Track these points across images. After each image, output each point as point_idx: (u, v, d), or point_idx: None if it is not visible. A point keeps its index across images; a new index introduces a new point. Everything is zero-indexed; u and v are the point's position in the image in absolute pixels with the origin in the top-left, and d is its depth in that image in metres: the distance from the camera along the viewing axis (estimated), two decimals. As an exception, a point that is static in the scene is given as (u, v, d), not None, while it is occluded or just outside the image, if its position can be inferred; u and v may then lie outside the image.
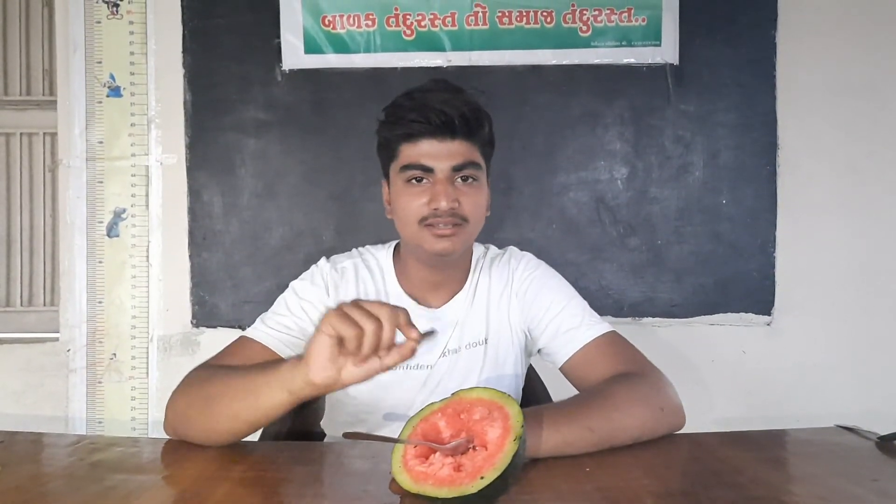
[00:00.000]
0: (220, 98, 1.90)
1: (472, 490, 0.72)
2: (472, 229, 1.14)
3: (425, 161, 1.10)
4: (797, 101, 1.92)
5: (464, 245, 1.14)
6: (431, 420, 0.82)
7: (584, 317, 1.17)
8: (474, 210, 1.12)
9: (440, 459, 0.77)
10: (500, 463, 0.72)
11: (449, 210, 1.09)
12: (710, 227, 1.90)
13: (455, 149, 1.10)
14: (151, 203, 1.90)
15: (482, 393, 0.81)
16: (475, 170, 1.12)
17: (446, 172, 1.10)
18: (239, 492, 0.81)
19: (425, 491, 0.74)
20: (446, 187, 1.09)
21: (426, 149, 1.10)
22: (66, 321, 1.89)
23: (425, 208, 1.10)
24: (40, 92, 2.05)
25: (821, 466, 0.88)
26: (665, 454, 0.96)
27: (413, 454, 0.78)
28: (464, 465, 0.75)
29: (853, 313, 1.93)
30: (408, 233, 1.14)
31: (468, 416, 0.80)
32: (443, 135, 1.09)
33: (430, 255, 1.14)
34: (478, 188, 1.14)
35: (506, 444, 0.74)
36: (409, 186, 1.12)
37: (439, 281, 1.22)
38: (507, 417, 0.77)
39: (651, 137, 1.90)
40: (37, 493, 0.81)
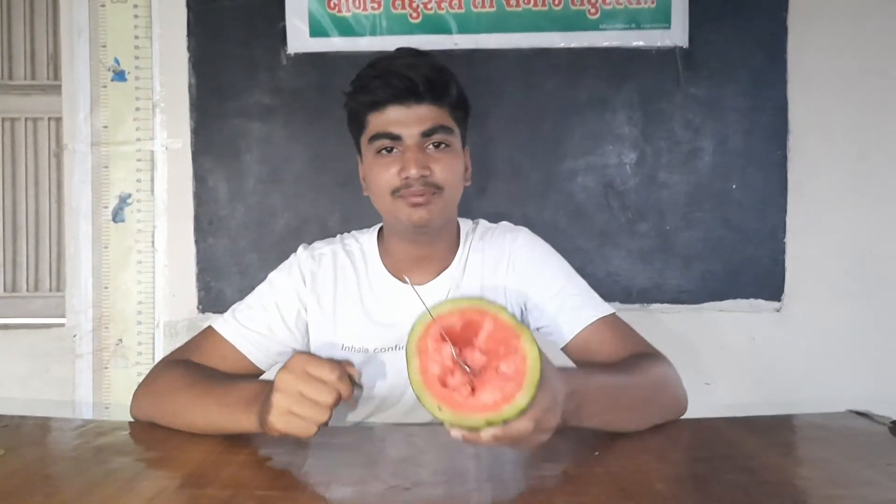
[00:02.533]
0: (225, 82, 1.88)
1: (423, 401, 0.69)
2: (449, 197, 1.11)
3: (393, 129, 1.08)
4: (809, 85, 1.89)
5: (441, 214, 1.11)
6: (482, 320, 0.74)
7: (587, 296, 1.16)
8: (448, 176, 1.09)
9: (445, 356, 0.72)
10: (459, 419, 0.68)
11: (420, 178, 1.06)
12: (719, 212, 1.88)
13: (423, 113, 1.08)
14: (157, 188, 1.89)
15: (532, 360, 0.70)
16: (446, 134, 1.09)
17: (415, 139, 1.07)
18: (244, 474, 0.80)
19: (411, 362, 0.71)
20: (416, 154, 1.06)
21: (393, 115, 1.08)
22: (71, 307, 1.88)
23: (396, 178, 1.07)
24: (45, 76, 2.03)
25: (833, 451, 0.87)
26: (674, 438, 0.95)
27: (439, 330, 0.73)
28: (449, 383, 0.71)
29: (864, 300, 1.91)
30: (383, 206, 1.12)
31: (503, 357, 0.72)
32: (408, 100, 1.07)
33: (408, 228, 1.11)
34: (451, 154, 1.11)
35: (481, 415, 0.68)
36: (380, 157, 1.10)
37: (424, 256, 1.18)
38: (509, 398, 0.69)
39: (660, 122, 1.88)
40: (42, 475, 0.80)
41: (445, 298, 1.16)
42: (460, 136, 1.15)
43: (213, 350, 1.12)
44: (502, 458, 0.88)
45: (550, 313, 1.14)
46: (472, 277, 1.19)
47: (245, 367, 1.11)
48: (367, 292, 1.18)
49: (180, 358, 1.11)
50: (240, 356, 1.11)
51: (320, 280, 1.18)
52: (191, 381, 1.00)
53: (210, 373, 1.05)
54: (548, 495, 0.72)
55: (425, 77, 1.07)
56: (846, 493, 0.71)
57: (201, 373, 1.04)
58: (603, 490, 0.73)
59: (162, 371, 1.07)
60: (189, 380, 1.01)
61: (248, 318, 1.14)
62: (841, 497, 0.70)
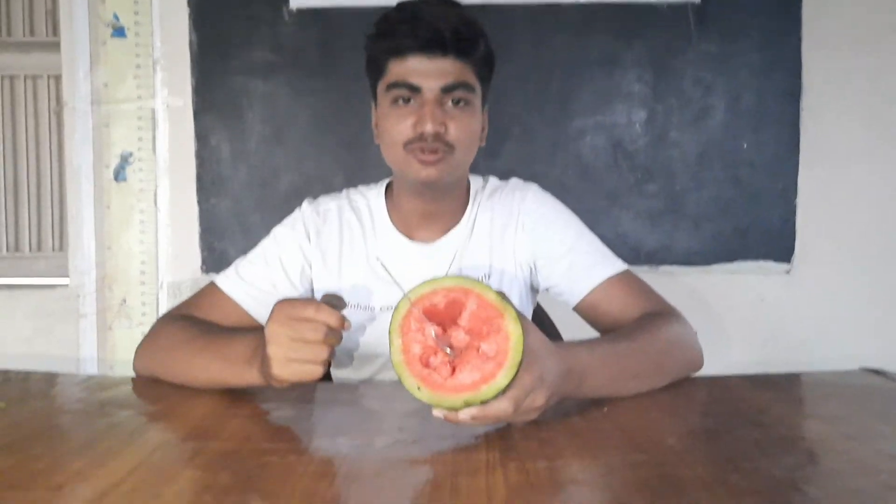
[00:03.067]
0: (227, 39, 1.85)
1: (403, 380, 0.69)
2: (461, 157, 1.07)
3: (413, 79, 1.02)
4: (824, 42, 1.84)
5: (451, 173, 1.07)
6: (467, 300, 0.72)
7: (598, 253, 1.12)
8: (463, 136, 1.04)
9: (427, 336, 0.71)
10: (437, 399, 0.68)
11: (434, 134, 1.01)
12: (730, 172, 1.85)
13: (446, 67, 1.02)
14: (158, 147, 1.86)
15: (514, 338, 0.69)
16: (467, 92, 1.04)
17: (435, 93, 1.02)
18: (249, 427, 0.79)
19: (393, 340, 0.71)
20: (433, 109, 1.02)
21: (414, 66, 1.02)
22: (75, 267, 1.87)
23: (410, 131, 1.03)
24: (43, 33, 2.00)
25: (848, 407, 0.85)
26: (685, 395, 0.93)
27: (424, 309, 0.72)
28: (430, 363, 0.70)
29: (874, 261, 1.89)
30: (393, 158, 1.08)
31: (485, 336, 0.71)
32: (433, 51, 1.01)
33: (416, 184, 1.08)
34: (469, 113, 1.06)
35: (458, 395, 0.68)
36: (396, 107, 1.05)
37: (433, 212, 1.15)
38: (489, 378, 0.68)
39: (671, 80, 1.84)
40: (46, 426, 0.80)
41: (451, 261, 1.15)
42: (481, 94, 1.09)
43: (215, 306, 1.10)
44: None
45: (560, 273, 1.11)
46: (480, 235, 1.16)
47: (248, 322, 1.10)
48: (374, 249, 1.16)
49: (182, 313, 1.09)
50: (242, 312, 1.10)
51: (325, 236, 1.16)
52: (190, 337, 0.99)
53: (209, 328, 1.03)
54: (556, 449, 0.70)
55: (454, 29, 1.01)
56: (860, 448, 0.69)
57: (201, 328, 1.02)
58: (613, 444, 0.72)
59: (163, 326, 1.06)
60: (189, 335, 0.99)
61: (251, 274, 1.12)
62: (854, 450, 0.68)
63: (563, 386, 0.78)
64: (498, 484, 0.62)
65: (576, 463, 0.67)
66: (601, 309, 1.08)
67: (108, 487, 0.61)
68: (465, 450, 0.71)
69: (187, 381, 0.96)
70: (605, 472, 0.65)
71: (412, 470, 0.67)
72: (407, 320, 0.72)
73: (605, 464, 0.67)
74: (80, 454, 0.69)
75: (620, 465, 0.66)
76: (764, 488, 0.59)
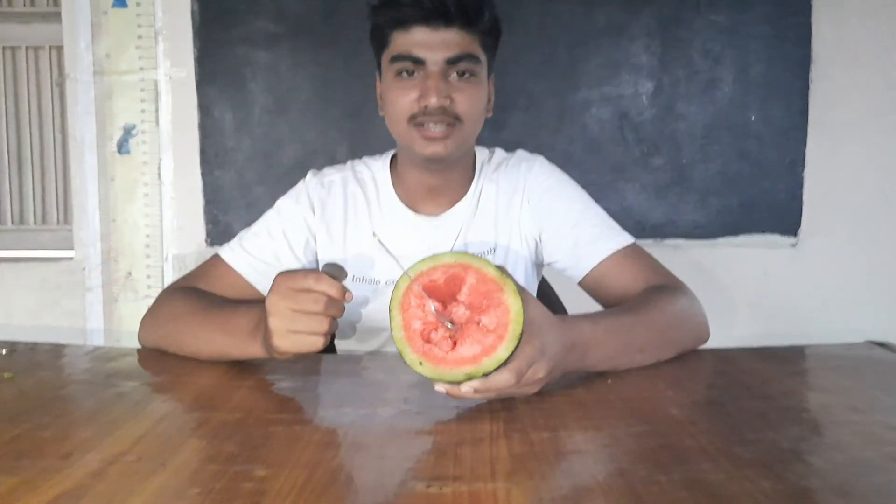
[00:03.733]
0: (229, 9, 1.83)
1: (405, 356, 0.70)
2: (468, 129, 1.05)
3: (416, 51, 1.01)
4: (835, 12, 1.82)
5: (458, 147, 1.06)
6: (466, 275, 0.73)
7: (604, 227, 1.11)
8: (469, 108, 1.03)
9: (428, 312, 0.72)
10: (438, 373, 0.69)
11: (440, 108, 1.00)
12: (737, 145, 1.84)
13: (450, 38, 1.01)
14: (161, 119, 1.85)
15: (514, 311, 0.70)
16: (472, 63, 1.03)
17: (439, 65, 1.01)
18: (254, 398, 0.80)
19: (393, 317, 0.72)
20: (438, 82, 1.00)
21: (418, 37, 1.01)
22: (80, 240, 1.87)
23: (415, 104, 1.02)
24: (44, 3, 1.98)
25: (852, 379, 0.85)
26: (689, 367, 0.93)
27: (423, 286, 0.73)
28: (431, 338, 0.70)
29: (880, 234, 1.88)
30: (398, 131, 1.07)
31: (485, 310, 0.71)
32: (436, 22, 1.00)
33: (422, 159, 1.07)
34: (475, 84, 1.04)
35: (460, 368, 0.68)
36: (400, 80, 1.03)
37: (438, 185, 1.14)
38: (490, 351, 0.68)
39: (679, 50, 1.82)
40: (52, 396, 0.80)
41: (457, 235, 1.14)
42: (487, 64, 1.08)
43: (219, 278, 1.10)
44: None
45: (566, 248, 1.11)
46: (486, 209, 1.16)
47: (251, 294, 1.10)
48: (379, 222, 1.15)
49: (187, 285, 1.09)
50: (247, 285, 1.10)
51: (329, 208, 1.15)
52: (193, 309, 0.99)
53: (212, 300, 1.03)
54: (561, 420, 0.71)
55: (460, 1, 1.00)
56: (865, 419, 0.69)
57: (204, 300, 1.02)
58: (617, 415, 0.72)
59: (167, 298, 1.06)
60: (192, 307, 0.99)
61: (255, 247, 1.12)
62: (860, 422, 0.69)
63: (566, 359, 0.78)
64: (502, 453, 0.62)
65: (579, 433, 0.68)
66: (607, 283, 1.07)
67: (115, 456, 0.61)
68: (469, 420, 0.71)
69: (191, 353, 0.96)
70: (608, 443, 0.65)
71: (416, 440, 0.67)
72: (407, 297, 0.73)
73: (608, 434, 0.67)
74: (87, 424, 0.70)
75: (624, 435, 0.66)
76: (768, 459, 0.59)
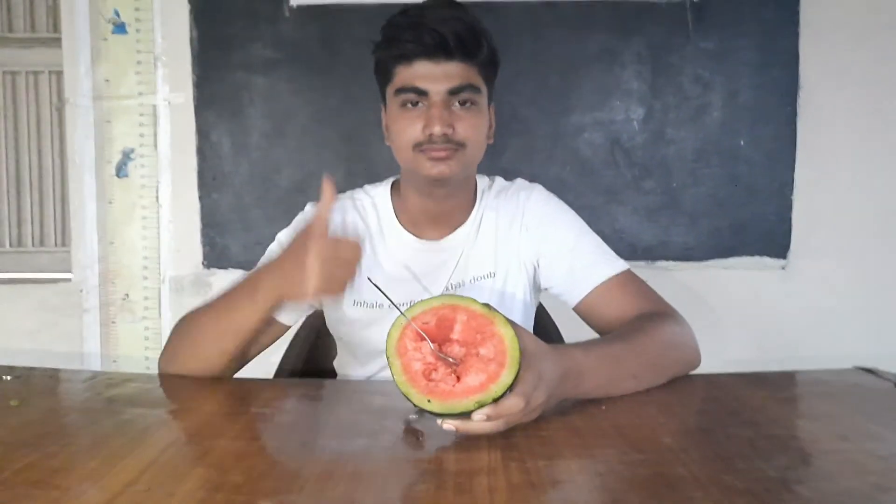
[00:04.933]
0: (228, 35, 1.86)
1: (412, 398, 0.72)
2: (471, 154, 1.10)
3: (420, 83, 1.05)
4: (821, 39, 1.86)
5: (462, 170, 1.09)
6: (455, 314, 0.77)
7: (599, 254, 1.15)
8: (471, 135, 1.08)
9: (426, 353, 0.74)
10: (449, 407, 0.71)
11: (443, 135, 1.05)
12: (727, 169, 1.87)
13: (451, 70, 1.05)
14: (160, 143, 1.87)
15: (508, 339, 0.73)
16: (473, 93, 1.07)
17: (442, 95, 1.05)
18: (256, 427, 0.81)
19: (392, 363, 0.74)
20: (441, 111, 1.05)
21: (421, 70, 1.05)
22: (78, 262, 1.89)
23: (420, 133, 1.06)
24: (44, 29, 2.00)
25: (840, 406, 0.88)
26: (680, 393, 0.95)
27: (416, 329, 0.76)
28: (433, 376, 0.73)
29: (869, 257, 1.91)
30: (403, 158, 1.11)
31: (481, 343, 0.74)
32: (437, 56, 1.04)
33: (427, 182, 1.10)
34: (476, 113, 1.09)
35: (469, 398, 0.70)
36: (405, 111, 1.08)
37: (440, 212, 1.17)
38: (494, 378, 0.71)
39: (669, 76, 1.86)
40: (56, 425, 0.81)
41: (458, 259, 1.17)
42: (487, 93, 1.13)
43: None
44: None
45: (562, 273, 1.14)
46: (486, 235, 1.19)
47: (272, 325, 1.11)
48: (381, 248, 1.18)
49: None
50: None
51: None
52: (198, 313, 1.03)
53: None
54: (556, 448, 0.72)
55: (457, 33, 1.04)
56: (853, 447, 0.71)
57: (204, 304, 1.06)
58: (611, 443, 0.74)
59: (177, 326, 1.08)
60: (196, 313, 1.04)
61: None
62: (847, 451, 0.70)
63: (562, 386, 0.80)
64: (500, 483, 0.64)
65: (575, 462, 0.69)
66: (601, 308, 1.10)
67: (124, 486, 0.63)
68: (468, 449, 0.72)
69: (207, 353, 0.99)
70: (603, 472, 0.67)
71: (417, 469, 0.69)
72: (402, 342, 0.75)
73: (603, 462, 0.69)
74: (94, 453, 0.71)
75: (618, 463, 0.68)
76: (757, 488, 0.61)
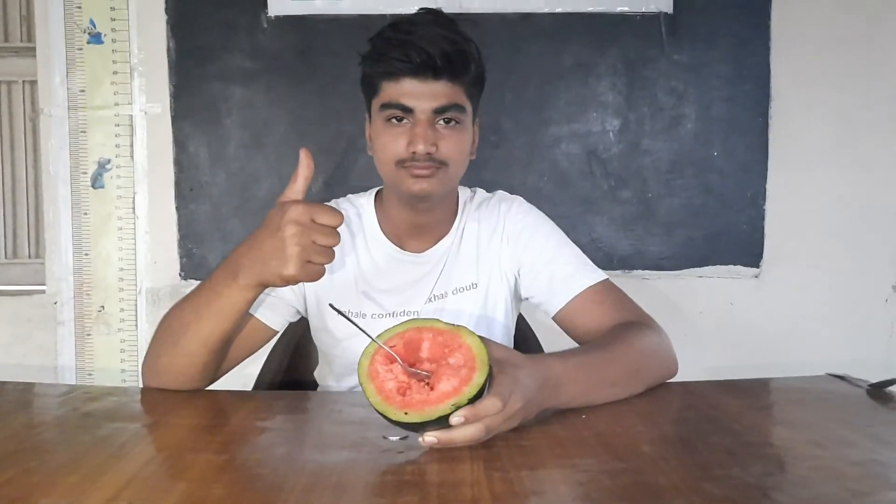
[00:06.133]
0: (205, 45, 1.85)
1: (390, 415, 0.73)
2: (453, 172, 1.11)
3: (405, 101, 1.06)
4: (791, 52, 1.90)
5: (443, 187, 1.11)
6: (421, 334, 0.79)
7: (579, 264, 1.16)
8: (454, 154, 1.09)
9: (398, 372, 0.76)
10: (427, 414, 0.71)
11: (426, 154, 1.06)
12: (700, 179, 1.90)
13: (438, 90, 1.06)
14: (136, 154, 1.86)
15: (475, 346, 0.76)
16: (458, 112, 1.08)
17: (427, 114, 1.06)
18: (237, 440, 0.81)
19: (366, 388, 0.75)
20: (425, 130, 1.06)
21: (407, 88, 1.06)
22: (52, 274, 1.86)
23: (403, 150, 1.07)
24: (18, 38, 1.98)
25: (814, 413, 0.89)
26: (659, 402, 0.97)
27: (385, 353, 0.77)
28: (409, 393, 0.74)
29: (840, 265, 1.95)
30: (386, 173, 1.13)
31: (449, 354, 0.77)
32: (424, 74, 1.05)
33: (409, 197, 1.11)
34: (460, 131, 1.10)
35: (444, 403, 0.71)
36: (389, 126, 1.09)
37: (423, 224, 1.19)
38: (466, 381, 0.73)
39: (644, 88, 1.88)
40: (33, 441, 0.80)
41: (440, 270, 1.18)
42: (472, 111, 1.14)
43: None
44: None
45: (542, 282, 1.16)
46: (468, 246, 1.21)
47: (259, 329, 1.11)
48: (365, 258, 1.19)
49: None
50: (255, 321, 1.10)
51: None
52: (178, 304, 1.01)
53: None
54: (537, 458, 0.73)
55: (445, 53, 1.04)
56: (828, 454, 0.73)
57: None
58: (592, 452, 0.75)
59: (160, 321, 1.06)
60: (176, 305, 1.02)
61: None
62: (822, 457, 0.72)
63: (540, 394, 0.81)
64: (483, 494, 0.64)
65: (557, 471, 0.70)
66: (579, 318, 1.12)
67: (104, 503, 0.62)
68: (451, 460, 0.73)
69: (184, 344, 0.97)
70: (585, 481, 0.67)
71: (399, 481, 0.69)
72: (373, 367, 0.76)
73: (584, 472, 0.69)
74: (73, 469, 0.70)
75: (600, 472, 0.69)
76: (735, 496, 0.63)
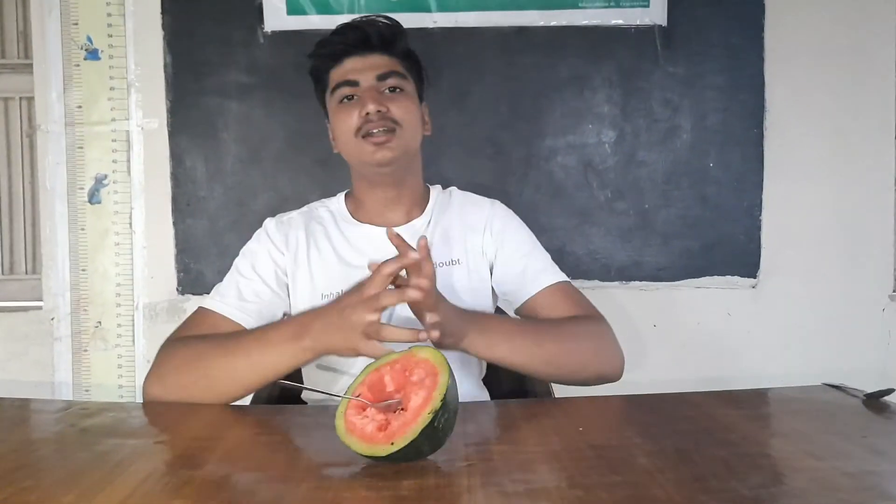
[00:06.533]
0: (202, 61, 1.86)
1: (381, 453, 0.73)
2: (408, 135, 1.19)
3: (350, 76, 1.19)
4: (785, 63, 1.91)
5: (402, 151, 1.18)
6: (380, 372, 0.82)
7: (549, 263, 1.28)
8: (404, 114, 1.18)
9: (373, 414, 0.77)
10: (411, 433, 0.73)
11: (378, 114, 1.15)
12: (696, 190, 1.90)
13: (377, 61, 1.20)
14: (133, 169, 1.86)
15: (429, 355, 0.80)
16: (400, 79, 1.21)
17: (371, 81, 1.18)
18: (236, 454, 0.81)
19: (350, 443, 0.75)
20: (373, 93, 1.17)
21: (350, 65, 1.20)
22: (49, 289, 1.86)
23: (357, 119, 1.16)
24: (15, 55, 1.99)
25: (810, 423, 0.90)
26: (656, 413, 0.97)
27: (356, 404, 0.79)
28: (389, 426, 0.75)
29: (837, 275, 1.95)
30: (348, 151, 1.21)
31: (410, 375, 0.80)
32: (363, 50, 1.20)
33: (372, 169, 1.19)
34: (406, 97, 1.21)
35: (421, 415, 0.73)
36: (342, 106, 1.20)
37: (393, 197, 1.25)
38: (433, 387, 0.76)
39: (639, 100, 1.89)
40: (30, 458, 0.80)
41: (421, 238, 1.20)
42: (415, 87, 1.25)
43: (212, 326, 1.13)
44: (489, 435, 0.91)
45: (515, 273, 1.25)
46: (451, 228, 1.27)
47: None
48: (340, 241, 1.25)
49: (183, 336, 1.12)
50: (237, 327, 1.12)
51: (292, 240, 1.24)
52: (216, 343, 1.05)
53: (234, 332, 1.10)
54: (534, 471, 0.73)
55: (377, 30, 1.20)
56: (824, 465, 0.73)
57: (223, 335, 1.08)
58: (588, 465, 0.75)
59: (173, 349, 1.08)
60: (213, 342, 1.05)
61: (235, 291, 1.18)
62: (819, 469, 0.72)
63: (463, 319, 1.00)
64: (480, 508, 0.64)
65: (553, 484, 0.70)
66: (543, 311, 1.21)
67: (101, 520, 0.62)
68: (447, 475, 0.73)
69: (221, 387, 1.01)
70: (581, 494, 0.67)
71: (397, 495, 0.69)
72: (348, 421, 0.77)
73: (581, 485, 0.69)
74: (71, 486, 0.70)
75: (596, 486, 0.69)
76: (732, 508, 0.63)
